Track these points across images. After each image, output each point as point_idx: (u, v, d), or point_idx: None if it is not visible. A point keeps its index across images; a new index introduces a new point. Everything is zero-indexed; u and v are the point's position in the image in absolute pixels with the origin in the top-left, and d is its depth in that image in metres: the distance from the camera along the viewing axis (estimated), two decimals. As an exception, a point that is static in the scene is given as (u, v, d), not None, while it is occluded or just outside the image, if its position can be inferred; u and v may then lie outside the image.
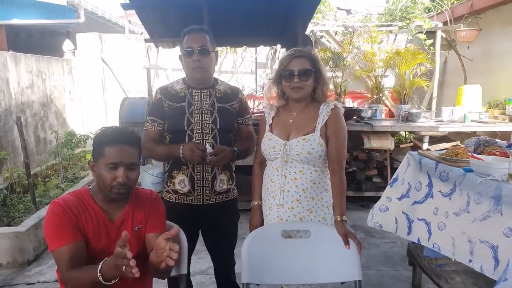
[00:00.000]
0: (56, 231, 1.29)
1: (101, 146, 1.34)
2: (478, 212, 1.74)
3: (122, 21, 9.00)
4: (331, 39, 6.41)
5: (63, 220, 1.29)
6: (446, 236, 1.96)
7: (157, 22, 4.10)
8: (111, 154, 1.31)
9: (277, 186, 1.72)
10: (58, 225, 1.29)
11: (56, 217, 1.30)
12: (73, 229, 1.30)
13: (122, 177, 1.31)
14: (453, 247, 1.90)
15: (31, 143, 5.34)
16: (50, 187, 4.44)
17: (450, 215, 1.95)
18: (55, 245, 1.28)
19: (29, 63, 5.55)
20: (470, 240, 1.77)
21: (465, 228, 1.80)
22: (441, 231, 2.01)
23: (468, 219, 1.80)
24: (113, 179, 1.32)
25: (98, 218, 1.37)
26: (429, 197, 2.17)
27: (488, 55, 5.13)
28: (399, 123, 4.38)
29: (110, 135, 1.35)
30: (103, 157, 1.32)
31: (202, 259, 2.87)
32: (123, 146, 1.33)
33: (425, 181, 2.22)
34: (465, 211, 1.84)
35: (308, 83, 1.67)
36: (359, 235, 2.05)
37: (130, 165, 1.34)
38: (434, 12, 6.29)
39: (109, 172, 1.31)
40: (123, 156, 1.32)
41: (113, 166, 1.31)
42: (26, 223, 3.14)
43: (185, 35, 1.78)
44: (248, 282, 1.56)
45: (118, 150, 1.32)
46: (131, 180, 1.35)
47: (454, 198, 1.95)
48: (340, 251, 1.61)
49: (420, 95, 6.23)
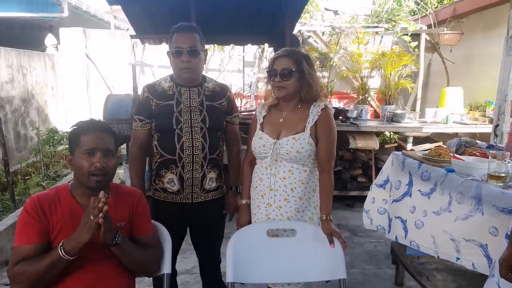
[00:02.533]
0: (22, 229, 1.30)
1: (77, 136, 1.35)
2: (460, 211, 1.78)
3: (108, 17, 8.85)
4: (318, 39, 6.45)
5: (31, 219, 1.29)
6: (425, 234, 2.00)
7: (143, 18, 4.04)
8: (87, 141, 1.34)
9: (266, 185, 1.72)
10: (26, 223, 1.29)
11: (26, 214, 1.30)
12: (39, 230, 1.29)
13: (100, 162, 1.32)
14: (435, 245, 1.94)
15: (10, 140, 5.20)
16: (30, 185, 4.33)
17: (430, 213, 1.99)
18: (18, 242, 1.29)
19: (9, 57, 5.39)
20: (453, 239, 1.80)
21: (446, 227, 1.84)
22: (419, 229, 2.05)
23: (449, 218, 1.84)
24: (90, 165, 1.32)
25: (73, 213, 1.35)
26: (407, 195, 2.22)
27: (470, 59, 5.25)
28: (384, 123, 4.44)
29: (84, 124, 1.39)
30: (79, 147, 1.34)
31: (187, 258, 2.85)
32: (98, 133, 1.36)
33: (405, 180, 2.26)
34: (446, 210, 1.88)
35: (289, 83, 1.67)
36: (344, 234, 2.07)
37: (106, 151, 1.35)
38: (419, 15, 6.40)
39: (86, 159, 1.32)
40: (99, 142, 1.35)
41: (90, 151, 1.33)
42: (5, 222, 3.06)
43: (174, 33, 1.74)
44: (233, 281, 1.56)
45: (93, 137, 1.34)
46: (109, 166, 1.35)
47: (434, 197, 1.99)
48: (325, 250, 1.62)
49: (405, 96, 6.34)
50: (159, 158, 1.79)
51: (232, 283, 1.55)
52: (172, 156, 1.75)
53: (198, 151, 1.75)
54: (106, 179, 1.37)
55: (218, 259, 1.99)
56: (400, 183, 2.30)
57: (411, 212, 2.14)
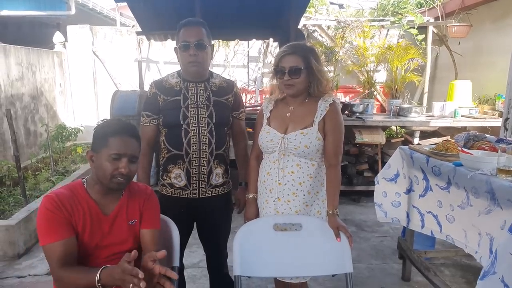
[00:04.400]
0: (49, 226, 1.28)
1: (105, 136, 1.33)
2: (481, 206, 1.75)
3: (114, 14, 8.89)
4: (323, 34, 6.41)
5: (55, 216, 1.28)
6: (458, 228, 1.97)
7: (149, 15, 4.05)
8: (115, 144, 1.31)
9: (274, 179, 1.73)
10: (51, 220, 1.28)
11: (48, 212, 1.29)
12: (66, 225, 1.29)
13: (125, 168, 1.31)
14: (466, 240, 1.91)
15: (21, 136, 5.27)
16: (40, 180, 4.39)
17: (456, 208, 1.96)
18: (47, 240, 1.27)
19: (19, 55, 5.45)
20: (480, 233, 1.78)
21: (474, 221, 1.82)
22: (452, 224, 2.02)
23: (474, 212, 1.81)
24: (115, 169, 1.31)
25: (91, 211, 1.37)
26: (429, 190, 2.19)
27: (479, 51, 5.18)
28: (390, 117, 4.41)
29: (114, 126, 1.35)
30: (106, 148, 1.31)
31: (193, 252, 2.88)
32: (127, 138, 1.34)
33: (420, 175, 2.25)
34: (467, 204, 1.86)
35: (298, 81, 1.67)
36: (350, 228, 2.08)
37: (132, 157, 1.35)
38: (426, 8, 6.32)
39: (111, 162, 1.31)
40: (127, 148, 1.33)
41: (117, 157, 1.31)
42: (17, 217, 3.11)
43: (181, 28, 1.76)
44: (240, 275, 1.57)
45: (122, 142, 1.32)
46: (132, 172, 1.36)
47: (453, 191, 1.97)
48: (331, 244, 1.63)
49: (412, 90, 6.28)
50: (167, 154, 1.81)
51: (239, 276, 1.57)
52: (179, 151, 1.77)
53: (205, 147, 1.76)
54: (127, 182, 1.38)
55: (224, 253, 2.01)
56: (417, 178, 2.28)
57: (438, 206, 2.11)
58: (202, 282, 2.63)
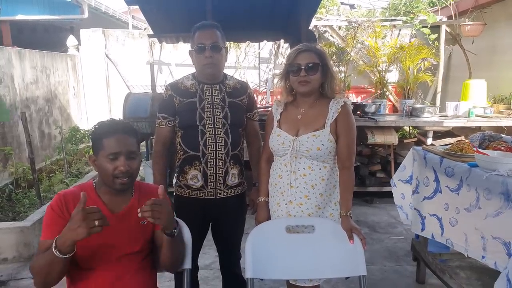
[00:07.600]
0: (46, 224, 1.33)
1: (99, 139, 1.35)
2: (490, 208, 1.72)
3: (126, 17, 9.00)
4: (334, 34, 6.38)
5: (54, 216, 1.32)
6: (459, 231, 1.95)
7: (160, 18, 4.09)
8: (110, 145, 1.33)
9: (286, 182, 1.72)
10: (50, 219, 1.33)
11: (51, 210, 1.33)
12: (61, 226, 1.29)
13: (124, 166, 1.32)
14: (466, 243, 1.89)
15: (35, 138, 5.37)
16: (54, 182, 4.47)
17: (461, 210, 1.93)
18: (43, 236, 1.32)
19: (33, 59, 5.56)
20: (483, 237, 1.76)
21: (478, 224, 1.79)
22: (453, 227, 2.00)
23: (480, 215, 1.79)
24: (115, 168, 1.33)
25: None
26: (438, 192, 2.17)
27: (493, 50, 5.09)
28: (403, 118, 4.36)
29: (106, 127, 1.37)
30: (103, 150, 1.34)
31: (206, 254, 2.88)
32: (120, 136, 1.35)
33: (431, 176, 2.22)
34: (476, 207, 1.83)
35: (314, 77, 1.66)
36: (363, 230, 2.05)
37: (129, 153, 1.35)
38: (438, 6, 6.24)
39: (110, 163, 1.33)
40: (122, 145, 1.34)
41: (114, 156, 1.33)
42: (31, 218, 3.16)
43: (196, 31, 1.78)
44: (253, 277, 1.57)
45: (116, 140, 1.33)
46: (133, 168, 1.36)
47: (462, 193, 1.94)
48: (345, 246, 1.61)
49: (424, 90, 6.20)
50: (183, 155, 1.82)
51: (252, 278, 1.56)
52: (196, 152, 1.78)
53: (221, 147, 1.77)
54: (131, 180, 1.38)
55: (238, 254, 2.01)
56: (428, 180, 2.25)
57: (445, 209, 2.09)
58: (214, 284, 2.63)
